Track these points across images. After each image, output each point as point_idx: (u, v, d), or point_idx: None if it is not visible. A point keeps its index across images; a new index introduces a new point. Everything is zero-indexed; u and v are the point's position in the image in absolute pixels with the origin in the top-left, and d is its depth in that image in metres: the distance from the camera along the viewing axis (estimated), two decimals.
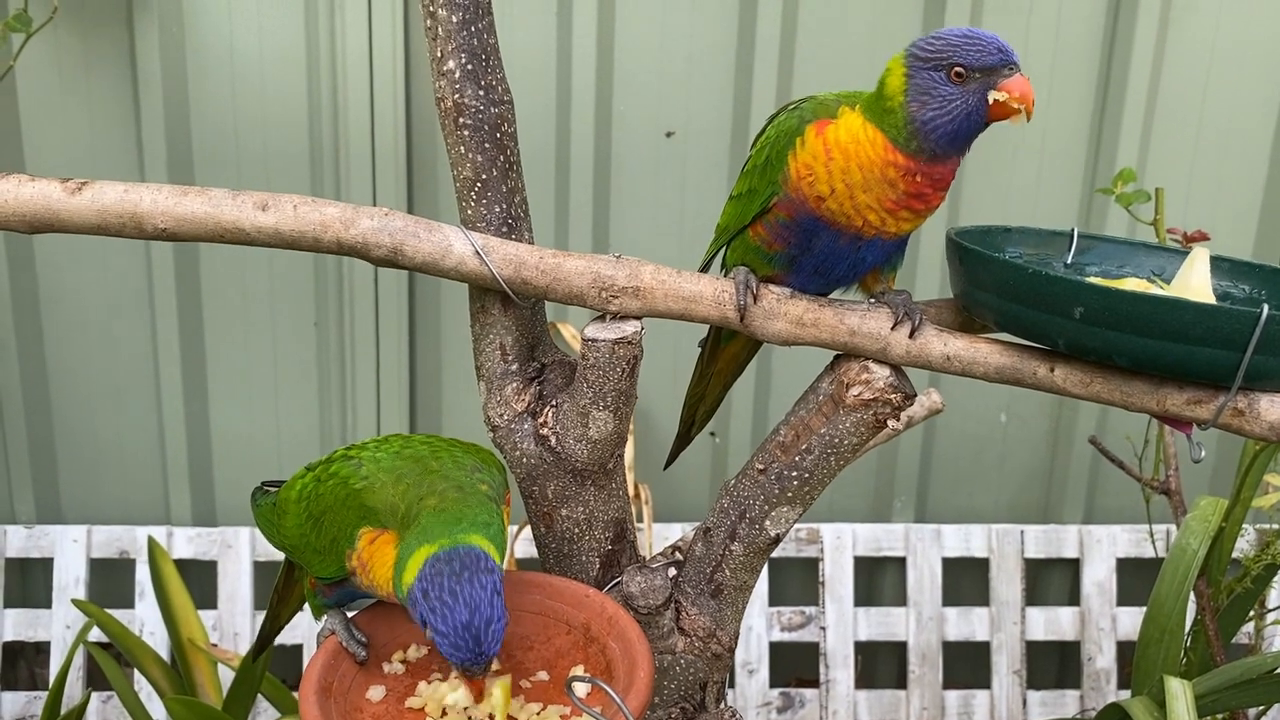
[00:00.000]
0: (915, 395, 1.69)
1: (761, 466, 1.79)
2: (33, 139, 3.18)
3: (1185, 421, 1.52)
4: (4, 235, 3.19)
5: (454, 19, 1.70)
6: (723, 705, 1.87)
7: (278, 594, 1.99)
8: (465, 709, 1.59)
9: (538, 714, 1.58)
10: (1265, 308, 1.36)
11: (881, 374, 1.67)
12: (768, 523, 1.79)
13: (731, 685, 3.40)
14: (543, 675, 1.66)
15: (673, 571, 1.84)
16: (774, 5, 3.17)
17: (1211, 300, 1.64)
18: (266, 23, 3.13)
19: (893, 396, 1.67)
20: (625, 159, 3.30)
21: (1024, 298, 1.51)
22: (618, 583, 1.83)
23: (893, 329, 1.66)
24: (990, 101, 1.53)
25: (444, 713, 1.59)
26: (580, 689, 1.58)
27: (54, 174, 3.05)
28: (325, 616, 1.70)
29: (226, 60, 3.15)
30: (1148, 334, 1.42)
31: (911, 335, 1.65)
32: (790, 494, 1.77)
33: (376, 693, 1.63)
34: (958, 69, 1.53)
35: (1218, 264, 1.76)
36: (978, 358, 1.63)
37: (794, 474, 1.76)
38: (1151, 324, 1.42)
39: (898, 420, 1.70)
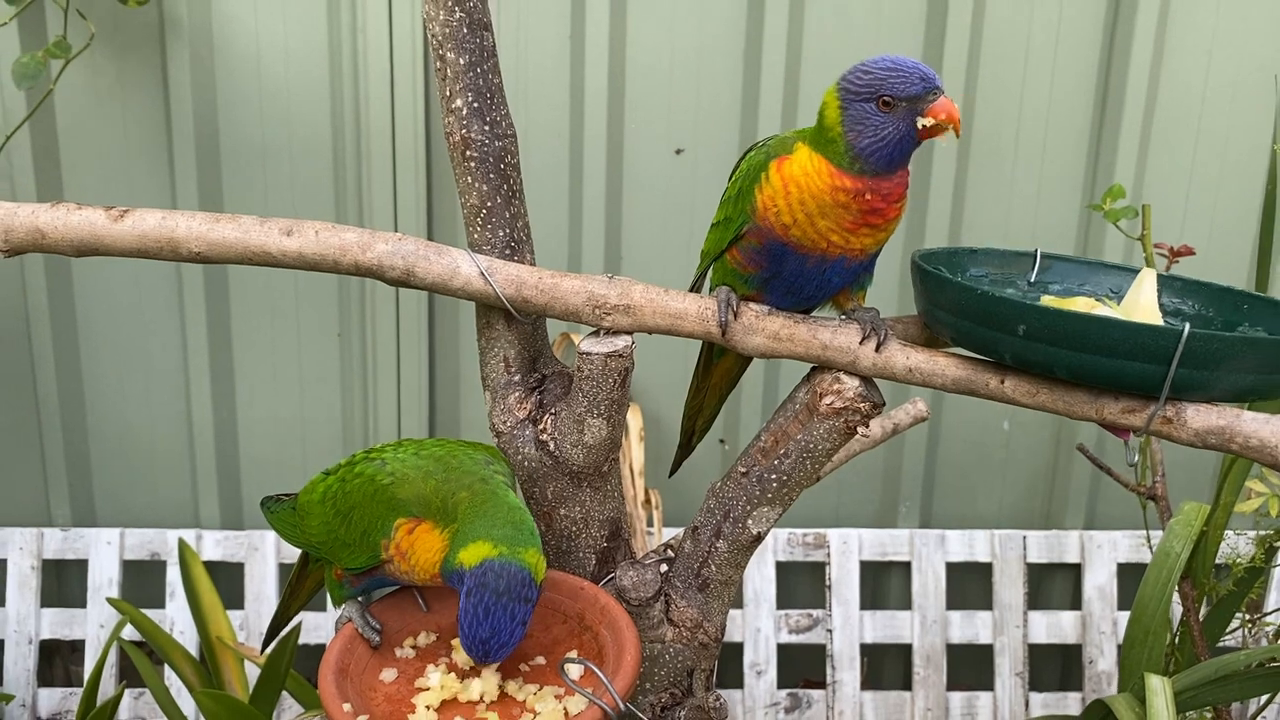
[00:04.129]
0: (883, 404, 1.81)
1: (744, 469, 1.91)
2: (70, 159, 3.25)
3: (1122, 429, 1.64)
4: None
5: (461, 61, 1.84)
6: (710, 692, 1.99)
7: (290, 588, 2.13)
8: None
9: (535, 694, 1.70)
10: (1187, 326, 1.48)
11: (852, 385, 1.79)
12: (750, 521, 1.91)
13: (740, 685, 3.44)
14: (540, 660, 1.79)
15: (664, 567, 1.96)
16: (780, 25, 3.22)
17: (1158, 317, 1.75)
18: (293, 47, 3.19)
19: (862, 405, 1.79)
20: (636, 176, 3.36)
21: (975, 316, 1.63)
22: (612, 577, 1.95)
23: (861, 343, 1.77)
24: (919, 127, 1.66)
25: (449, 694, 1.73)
26: (573, 671, 1.70)
27: (89, 192, 3.22)
28: (343, 605, 1.84)
29: (254, 84, 3.22)
30: (1082, 349, 1.54)
31: (877, 349, 1.76)
32: (770, 495, 1.89)
33: (389, 675, 1.76)
34: (885, 99, 1.65)
35: (1170, 283, 1.87)
36: (937, 370, 1.75)
37: (773, 476, 1.88)
38: (1085, 340, 1.53)
39: (867, 427, 1.83)
